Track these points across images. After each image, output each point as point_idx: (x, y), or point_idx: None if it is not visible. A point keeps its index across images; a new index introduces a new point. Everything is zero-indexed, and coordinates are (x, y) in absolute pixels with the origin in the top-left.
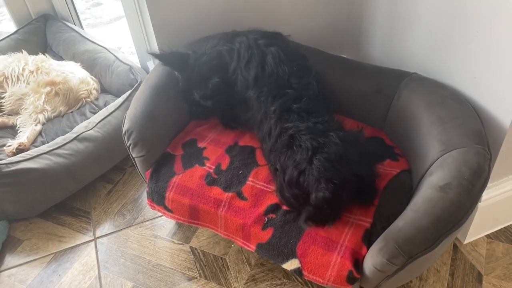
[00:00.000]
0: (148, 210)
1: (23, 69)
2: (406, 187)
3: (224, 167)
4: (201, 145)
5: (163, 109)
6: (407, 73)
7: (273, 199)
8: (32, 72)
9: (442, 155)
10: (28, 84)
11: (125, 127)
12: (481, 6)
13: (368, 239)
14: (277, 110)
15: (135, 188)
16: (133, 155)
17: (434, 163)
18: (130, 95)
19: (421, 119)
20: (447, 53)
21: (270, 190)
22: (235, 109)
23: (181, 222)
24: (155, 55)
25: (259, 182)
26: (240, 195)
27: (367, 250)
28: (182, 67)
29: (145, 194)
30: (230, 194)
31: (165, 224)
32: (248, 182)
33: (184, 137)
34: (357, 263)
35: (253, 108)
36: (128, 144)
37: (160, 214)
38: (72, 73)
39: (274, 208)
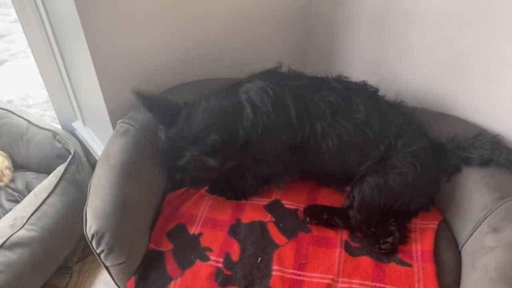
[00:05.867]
0: None
1: None
2: (452, 245)
3: (235, 257)
4: (193, 230)
5: (137, 195)
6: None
7: None
8: None
9: (502, 204)
10: None
11: (92, 228)
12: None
13: None
14: None
15: None
16: (108, 264)
17: (490, 214)
18: (66, 171)
19: None
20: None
21: (306, 278)
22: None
23: None
24: (141, 96)
25: (288, 269)
26: None
27: None
28: (170, 120)
29: None
30: None
31: None
32: (274, 273)
33: (167, 223)
34: None
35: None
36: (99, 251)
37: None
38: None
39: None
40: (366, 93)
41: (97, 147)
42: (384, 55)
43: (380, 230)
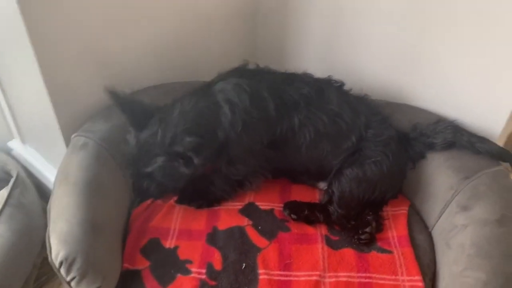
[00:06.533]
0: None
1: None
2: (423, 228)
3: (218, 266)
4: (169, 244)
5: (105, 213)
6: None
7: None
8: None
9: (467, 184)
10: None
11: (60, 254)
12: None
13: None
14: None
15: None
16: None
17: (457, 194)
18: (10, 196)
19: None
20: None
21: (294, 278)
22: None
23: None
24: (115, 96)
25: (275, 271)
26: None
27: None
28: (143, 123)
29: None
30: None
31: None
32: (261, 277)
33: (138, 240)
34: None
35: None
36: (69, 279)
37: None
38: None
39: None
40: (334, 87)
41: (42, 167)
42: (337, 49)
43: (358, 222)
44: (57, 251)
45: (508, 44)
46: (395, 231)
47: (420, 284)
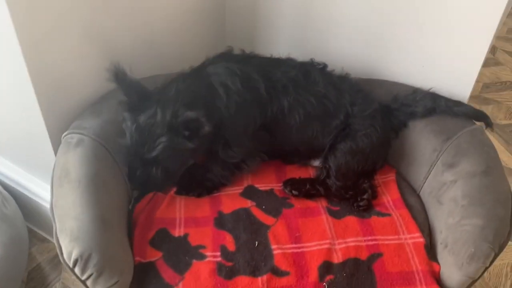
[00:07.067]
0: None
1: None
2: (411, 191)
3: (231, 247)
4: (178, 233)
5: (111, 208)
6: None
7: (319, 257)
8: None
9: (450, 144)
10: None
11: (74, 253)
12: None
13: (430, 254)
14: None
15: None
16: None
17: (442, 154)
18: None
19: None
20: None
21: (306, 249)
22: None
23: None
24: (120, 76)
25: (287, 245)
26: (277, 272)
27: (439, 266)
28: (142, 107)
29: None
30: (264, 277)
31: None
32: (275, 252)
33: (145, 233)
34: (439, 282)
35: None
36: (86, 276)
37: None
38: None
39: (327, 267)
40: (317, 69)
41: (18, 176)
42: (309, 31)
43: (356, 191)
44: (70, 250)
45: (467, 15)
46: (389, 195)
47: (421, 239)
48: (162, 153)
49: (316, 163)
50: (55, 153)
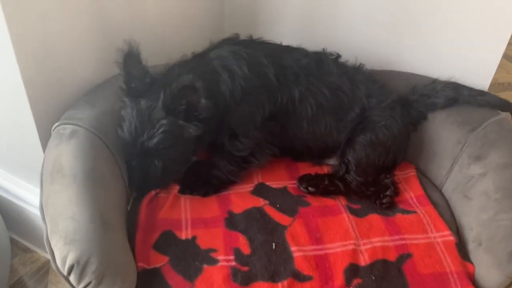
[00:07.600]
0: None
1: None
2: (434, 187)
3: (246, 250)
4: (185, 235)
5: (110, 206)
6: None
7: (344, 259)
8: None
9: (476, 134)
10: None
11: (70, 257)
12: None
13: (462, 253)
14: None
15: None
16: None
17: (466, 146)
18: None
19: None
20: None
21: (330, 250)
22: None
23: None
24: (130, 54)
25: (308, 246)
26: (299, 277)
27: (473, 266)
28: (142, 91)
29: None
30: (285, 282)
31: None
32: (295, 254)
33: (148, 236)
34: (474, 283)
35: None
36: (84, 285)
37: None
38: None
39: (353, 270)
40: (331, 59)
41: None
42: (318, 18)
43: (378, 187)
44: (64, 254)
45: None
46: (411, 192)
47: (452, 238)
48: (162, 140)
49: (331, 161)
50: (43, 147)
